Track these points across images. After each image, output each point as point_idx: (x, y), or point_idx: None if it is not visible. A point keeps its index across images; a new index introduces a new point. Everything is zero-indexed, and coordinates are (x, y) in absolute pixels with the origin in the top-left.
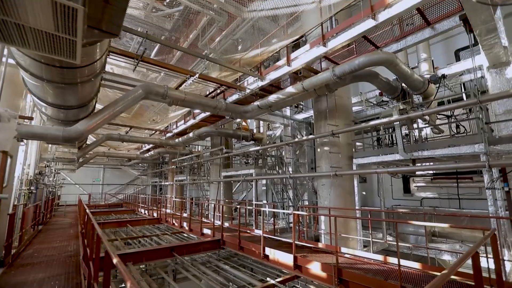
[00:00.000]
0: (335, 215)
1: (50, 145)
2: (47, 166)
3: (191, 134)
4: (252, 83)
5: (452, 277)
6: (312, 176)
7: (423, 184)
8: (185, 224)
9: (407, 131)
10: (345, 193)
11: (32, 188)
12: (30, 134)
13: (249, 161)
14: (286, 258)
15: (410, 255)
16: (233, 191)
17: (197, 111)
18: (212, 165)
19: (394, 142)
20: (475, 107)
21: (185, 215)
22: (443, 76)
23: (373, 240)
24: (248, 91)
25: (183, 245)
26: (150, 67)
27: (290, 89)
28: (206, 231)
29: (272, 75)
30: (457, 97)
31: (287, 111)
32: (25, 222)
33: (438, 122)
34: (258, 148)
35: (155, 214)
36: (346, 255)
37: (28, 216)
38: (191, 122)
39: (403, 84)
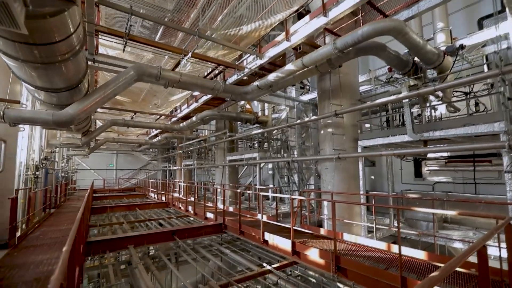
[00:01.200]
0: (336, 200)
1: (58, 132)
2: (53, 152)
3: (194, 118)
4: (251, 62)
5: (459, 269)
6: (314, 159)
7: (436, 168)
8: (190, 208)
9: (419, 111)
10: (350, 177)
11: (37, 173)
12: (20, 118)
13: (254, 145)
14: (285, 244)
15: (419, 242)
16: (239, 176)
17: (199, 94)
18: (217, 149)
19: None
20: (497, 81)
21: (192, 199)
22: (461, 47)
23: (378, 226)
24: (247, 70)
25: (184, 229)
26: (142, 47)
27: (290, 67)
28: (209, 215)
29: (271, 52)
30: (478, 72)
31: (293, 92)
32: (31, 206)
33: (454, 100)
34: (260, 131)
35: (163, 198)
36: (348, 242)
37: (37, 200)
38: (194, 105)
39: (415, 58)
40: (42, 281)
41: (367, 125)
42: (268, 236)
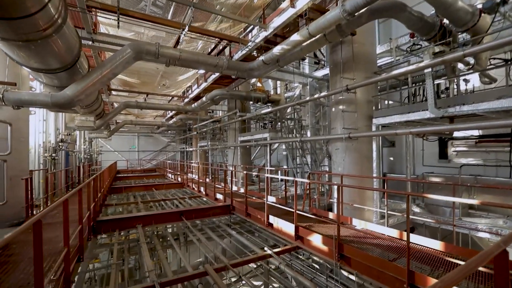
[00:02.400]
0: (340, 184)
1: (74, 115)
2: (69, 135)
3: (204, 98)
4: (256, 36)
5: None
6: (323, 139)
7: (464, 149)
8: (202, 189)
9: (447, 84)
10: (362, 159)
11: (54, 155)
12: (19, 101)
13: (265, 125)
14: (288, 228)
15: (438, 230)
16: (253, 157)
17: (208, 73)
18: (229, 130)
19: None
20: None
21: (207, 180)
22: (503, 2)
23: (390, 212)
24: (251, 44)
25: (192, 209)
26: (140, 23)
27: (295, 37)
28: (219, 196)
29: (276, 22)
30: None
31: (306, 68)
32: (50, 186)
33: (490, 67)
34: (269, 110)
35: (179, 179)
36: (356, 228)
37: (57, 180)
38: (204, 85)
39: (444, 21)
40: (54, 256)
41: (389, 102)
42: (272, 219)
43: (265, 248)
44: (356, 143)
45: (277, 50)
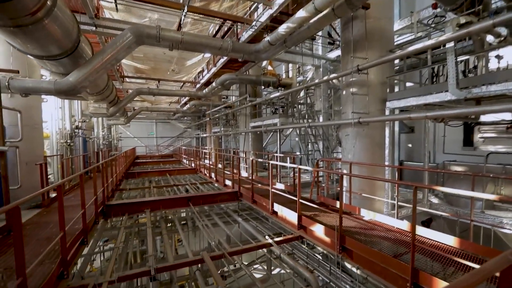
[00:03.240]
0: (347, 173)
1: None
2: (85, 121)
3: (214, 83)
4: (260, 14)
5: None
6: (332, 124)
7: (493, 135)
8: (213, 175)
9: (475, 62)
10: (374, 145)
11: (69, 141)
12: (24, 88)
13: (276, 110)
14: (292, 217)
15: (457, 223)
16: (265, 143)
17: (217, 57)
18: (240, 115)
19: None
20: None
21: (219, 166)
22: None
23: (401, 204)
24: (255, 24)
25: (200, 195)
26: (139, 6)
27: (300, 13)
28: (228, 182)
29: None
30: None
31: (319, 49)
32: (65, 171)
33: None
34: (277, 94)
35: (193, 165)
36: (364, 219)
37: (74, 165)
38: (213, 70)
39: None
40: (50, 240)
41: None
42: (277, 207)
43: (266, 237)
44: (368, 128)
45: (282, 29)
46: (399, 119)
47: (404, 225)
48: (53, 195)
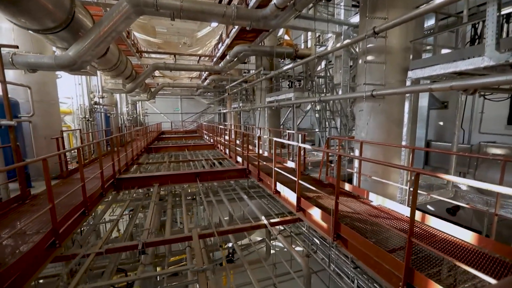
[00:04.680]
0: (343, 153)
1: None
2: (102, 97)
3: (228, 56)
4: None
5: None
6: (342, 98)
7: None
8: (227, 151)
9: None
10: (390, 123)
11: (87, 116)
12: (26, 63)
13: (293, 83)
14: (292, 198)
15: (486, 214)
16: (283, 119)
17: (229, 28)
18: (257, 90)
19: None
20: None
21: (238, 142)
22: None
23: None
24: None
25: (208, 171)
26: None
27: None
28: (240, 159)
29: None
30: None
31: (341, 13)
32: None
33: None
34: (289, 66)
35: (212, 141)
36: (371, 204)
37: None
38: (227, 41)
39: None
40: (58, 209)
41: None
42: (279, 187)
43: (262, 217)
44: (384, 103)
45: None
46: (417, 91)
47: (416, 214)
48: (71, 167)
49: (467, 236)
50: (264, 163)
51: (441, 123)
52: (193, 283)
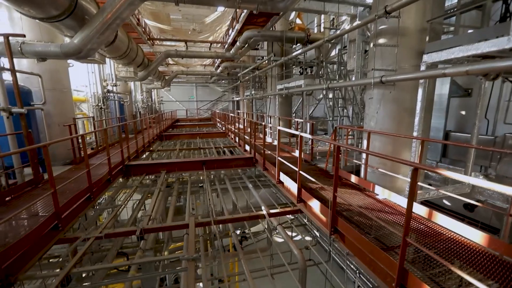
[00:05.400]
0: (342, 144)
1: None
2: (115, 85)
3: (238, 43)
4: None
5: None
6: (350, 85)
7: None
8: (237, 139)
9: None
10: (401, 112)
11: (100, 104)
12: (34, 52)
13: (305, 70)
14: (294, 188)
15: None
16: (296, 107)
17: (238, 11)
18: (268, 77)
19: None
20: None
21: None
22: None
23: (421, 184)
24: None
25: (215, 159)
26: None
27: None
28: (248, 147)
29: None
30: None
31: None
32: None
33: None
34: (298, 52)
35: (224, 129)
36: (377, 197)
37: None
38: (237, 27)
39: None
40: (66, 194)
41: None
42: (283, 177)
43: (262, 208)
44: (395, 90)
45: None
46: (430, 76)
47: (422, 210)
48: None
49: (477, 237)
50: (271, 152)
51: (463, 113)
52: (184, 270)
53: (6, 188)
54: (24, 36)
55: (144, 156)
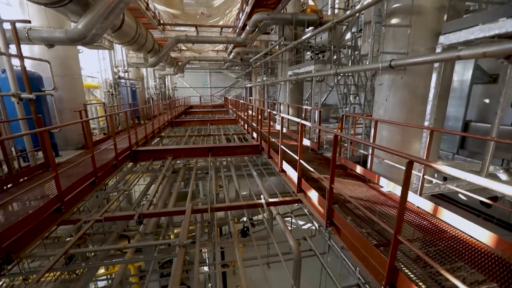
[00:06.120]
0: (341, 134)
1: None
2: (126, 71)
3: (248, 27)
4: None
5: None
6: (357, 70)
7: None
8: (246, 126)
9: None
10: (413, 99)
11: (111, 90)
12: (40, 38)
13: (318, 55)
14: (295, 178)
15: None
16: (308, 94)
17: None
18: (279, 62)
19: None
20: None
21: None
22: None
23: (428, 177)
24: None
25: (221, 146)
26: None
27: None
28: (255, 135)
29: None
30: None
31: None
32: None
33: None
34: (308, 36)
35: (235, 115)
36: (381, 190)
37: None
38: (246, 9)
39: None
40: (72, 177)
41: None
42: (285, 166)
43: (261, 196)
44: (407, 76)
45: None
46: (443, 59)
47: (427, 205)
48: (95, 138)
49: (484, 236)
50: (276, 140)
51: (487, 101)
52: (175, 256)
53: (19, 171)
54: (29, 22)
55: (155, 142)
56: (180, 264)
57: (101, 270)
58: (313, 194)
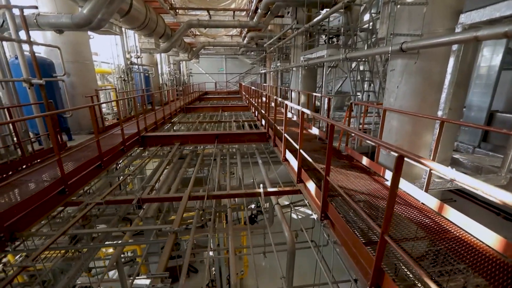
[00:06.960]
0: (339, 126)
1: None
2: (138, 57)
3: (259, 10)
4: None
5: None
6: (367, 54)
7: None
8: (256, 113)
9: None
10: (426, 86)
11: (123, 76)
12: (47, 23)
13: (332, 39)
14: (295, 167)
15: None
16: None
17: None
18: (292, 47)
19: None
20: None
21: (272, 104)
22: None
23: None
24: None
25: (227, 133)
26: None
27: None
28: (264, 122)
29: None
30: None
31: None
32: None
33: None
34: (319, 18)
35: (247, 102)
36: (385, 183)
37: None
38: None
39: None
40: (79, 161)
41: None
42: (288, 155)
43: (260, 185)
44: (421, 60)
45: None
46: (459, 41)
47: (433, 202)
48: (108, 124)
49: (491, 239)
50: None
51: None
52: (163, 242)
53: (33, 153)
54: (36, 7)
55: (167, 127)
56: (168, 250)
57: (110, 250)
58: (311, 185)
